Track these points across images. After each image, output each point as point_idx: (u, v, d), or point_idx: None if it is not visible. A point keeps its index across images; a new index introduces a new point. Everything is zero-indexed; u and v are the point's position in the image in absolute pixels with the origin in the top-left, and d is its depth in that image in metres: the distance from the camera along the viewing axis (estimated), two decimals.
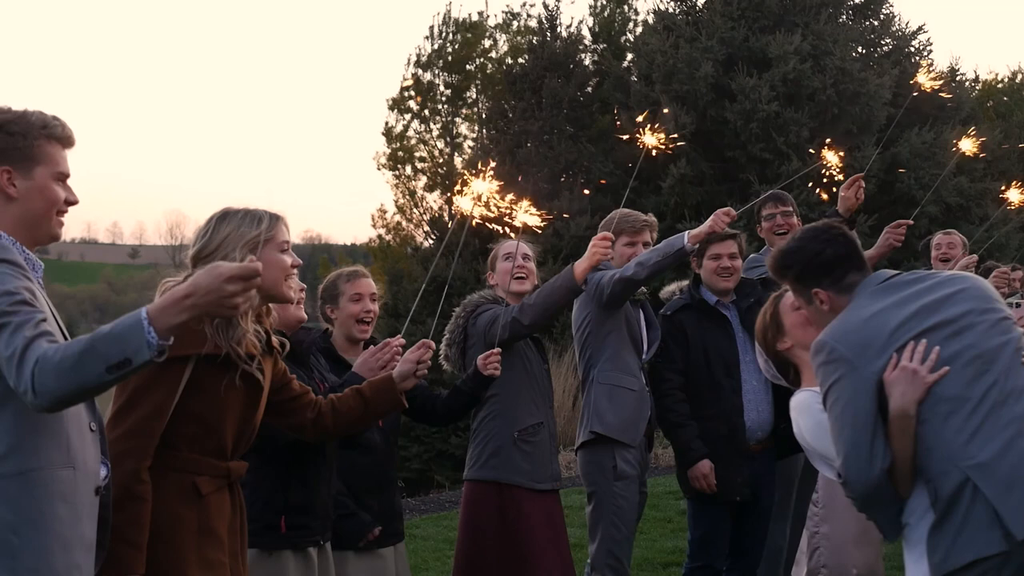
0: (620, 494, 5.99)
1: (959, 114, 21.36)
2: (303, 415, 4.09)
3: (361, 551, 4.95)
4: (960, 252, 8.01)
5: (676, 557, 8.48)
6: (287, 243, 3.82)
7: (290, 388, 4.05)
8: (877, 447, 3.50)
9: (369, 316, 5.18)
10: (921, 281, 3.73)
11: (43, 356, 2.84)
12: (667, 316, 6.28)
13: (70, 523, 3.09)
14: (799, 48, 19.45)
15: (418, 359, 4.40)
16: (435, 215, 25.34)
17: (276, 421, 4.06)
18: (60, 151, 3.26)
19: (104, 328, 2.91)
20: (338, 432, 4.27)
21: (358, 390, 4.27)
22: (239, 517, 3.80)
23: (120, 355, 2.84)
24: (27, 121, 3.20)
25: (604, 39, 24.73)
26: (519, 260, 5.79)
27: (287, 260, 3.79)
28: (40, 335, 2.90)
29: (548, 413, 5.95)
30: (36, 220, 3.22)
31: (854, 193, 6.43)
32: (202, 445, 3.63)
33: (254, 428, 3.79)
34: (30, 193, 3.19)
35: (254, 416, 3.75)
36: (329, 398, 4.21)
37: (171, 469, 3.58)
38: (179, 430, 3.58)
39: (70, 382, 2.84)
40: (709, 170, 19.79)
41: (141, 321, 2.87)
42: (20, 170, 3.17)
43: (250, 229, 3.71)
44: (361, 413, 4.24)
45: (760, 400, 6.11)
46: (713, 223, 5.78)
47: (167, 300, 2.92)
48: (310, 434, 4.17)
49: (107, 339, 2.86)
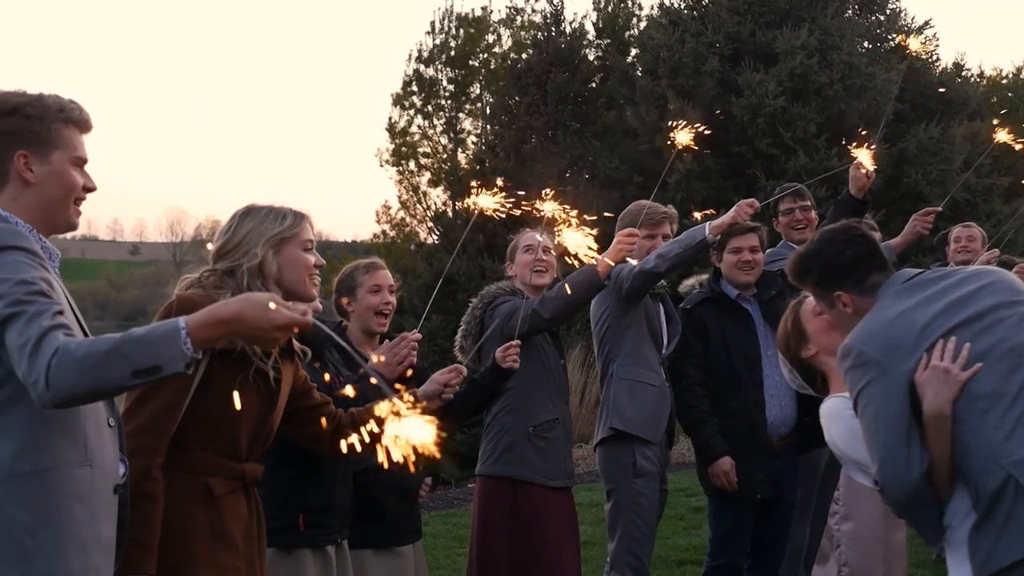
0: (640, 492, 5.90)
1: (966, 109, 21.26)
2: (321, 426, 3.99)
3: (380, 549, 4.88)
4: (980, 245, 7.90)
5: (690, 555, 8.42)
6: (311, 242, 3.75)
7: (310, 396, 3.96)
8: (913, 451, 3.40)
9: (388, 308, 5.07)
10: (946, 278, 3.63)
11: (63, 348, 2.74)
12: (687, 310, 6.18)
13: (88, 523, 2.98)
14: (806, 43, 19.34)
15: (447, 382, 4.34)
16: (439, 211, 25.23)
17: (293, 430, 3.97)
18: (78, 135, 3.16)
19: (136, 331, 2.81)
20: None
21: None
22: (256, 521, 3.70)
23: (151, 361, 2.76)
24: (44, 104, 3.10)
25: (608, 34, 24.65)
26: (540, 253, 5.69)
27: (310, 259, 3.72)
28: (57, 326, 2.79)
29: (563, 409, 5.86)
30: (54, 207, 3.11)
31: (864, 173, 6.33)
32: (215, 445, 3.54)
33: (271, 430, 3.70)
34: (47, 178, 3.08)
35: (270, 417, 3.66)
36: (349, 411, 4.10)
37: (183, 469, 3.49)
38: (192, 429, 3.49)
39: (90, 380, 2.75)
40: (715, 165, 19.67)
41: (179, 331, 2.79)
42: (37, 154, 3.07)
43: (273, 225, 3.66)
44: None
45: (783, 395, 6.00)
46: (736, 214, 5.69)
47: (208, 317, 2.85)
48: (326, 446, 4.05)
49: (139, 343, 2.77)
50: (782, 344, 4.18)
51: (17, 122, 3.06)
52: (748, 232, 6.05)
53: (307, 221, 3.74)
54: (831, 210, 6.41)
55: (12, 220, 3.01)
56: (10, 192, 3.07)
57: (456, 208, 23.68)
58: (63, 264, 3.20)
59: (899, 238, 6.91)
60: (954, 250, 7.83)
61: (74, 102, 3.17)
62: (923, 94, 20.87)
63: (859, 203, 6.31)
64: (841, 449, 3.89)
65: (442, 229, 23.26)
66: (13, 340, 2.77)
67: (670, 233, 6.18)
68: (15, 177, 3.07)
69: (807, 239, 6.64)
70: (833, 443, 3.92)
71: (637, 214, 6.10)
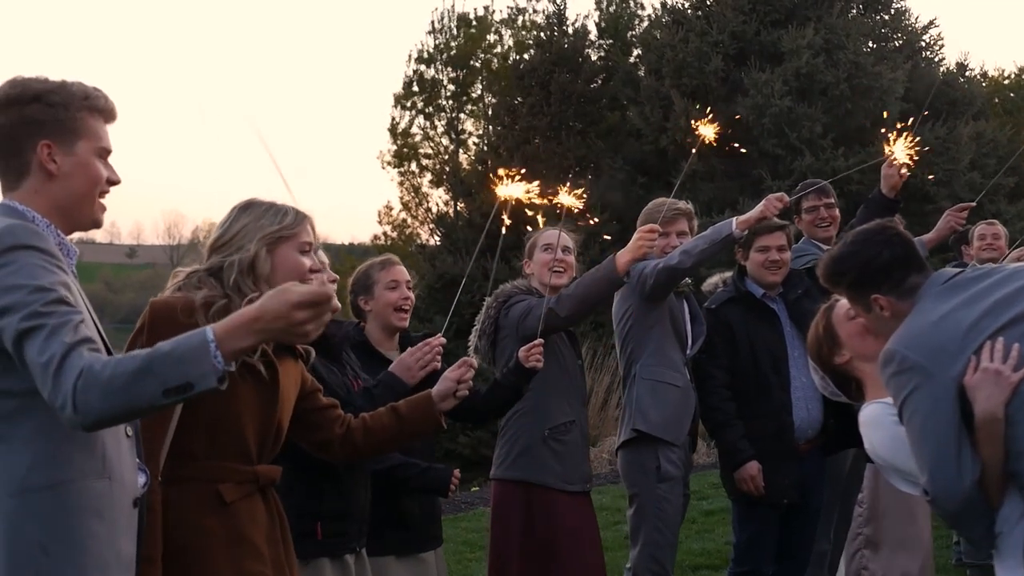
0: (664, 496, 5.73)
1: (971, 109, 21.17)
2: (330, 430, 3.83)
3: (403, 556, 4.76)
4: (1004, 243, 7.77)
5: (705, 559, 8.31)
6: (310, 245, 3.56)
7: (316, 398, 3.80)
8: (964, 458, 3.25)
9: (407, 304, 4.96)
10: (987, 277, 3.48)
11: (88, 370, 2.56)
12: (712, 310, 6.00)
13: (106, 540, 2.81)
14: (812, 42, 19.24)
15: (459, 378, 4.11)
16: (441, 212, 25.11)
17: (301, 437, 3.82)
18: (102, 124, 2.98)
19: (163, 346, 2.63)
20: (368, 452, 3.99)
21: (394, 408, 4.01)
22: (278, 525, 3.54)
23: (181, 378, 2.58)
24: (68, 91, 2.92)
25: (610, 34, 24.55)
26: (559, 253, 5.55)
27: (306, 262, 3.53)
28: (81, 342, 2.62)
29: (581, 411, 5.72)
30: (77, 201, 2.93)
31: (897, 171, 6.20)
32: (222, 450, 3.38)
33: (280, 429, 3.53)
34: (72, 170, 2.90)
35: (274, 415, 3.48)
36: (361, 415, 3.95)
37: (191, 480, 3.34)
38: (194, 438, 3.34)
39: (119, 403, 2.58)
40: (720, 166, 19.54)
41: (207, 343, 2.60)
42: (61, 145, 2.88)
43: (271, 222, 3.49)
44: (395, 432, 3.97)
45: (810, 397, 5.84)
46: (765, 208, 5.53)
47: (235, 322, 2.67)
48: (338, 452, 3.90)
49: (168, 360, 2.59)
50: (813, 350, 3.99)
51: (40, 110, 2.88)
52: (776, 231, 5.89)
53: (308, 222, 3.56)
54: (861, 209, 6.28)
55: (29, 215, 2.84)
56: (31, 184, 2.88)
57: (458, 209, 23.56)
58: None
59: (932, 233, 6.78)
60: (978, 248, 7.67)
61: (98, 90, 2.99)
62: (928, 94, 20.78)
63: (891, 202, 6.19)
64: (883, 457, 3.71)
65: (444, 231, 23.12)
66: (34, 357, 2.60)
67: (686, 230, 6.00)
68: (37, 168, 2.88)
69: (831, 237, 6.57)
70: (874, 451, 3.74)
71: (656, 211, 5.94)
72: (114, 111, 3.02)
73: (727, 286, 6.12)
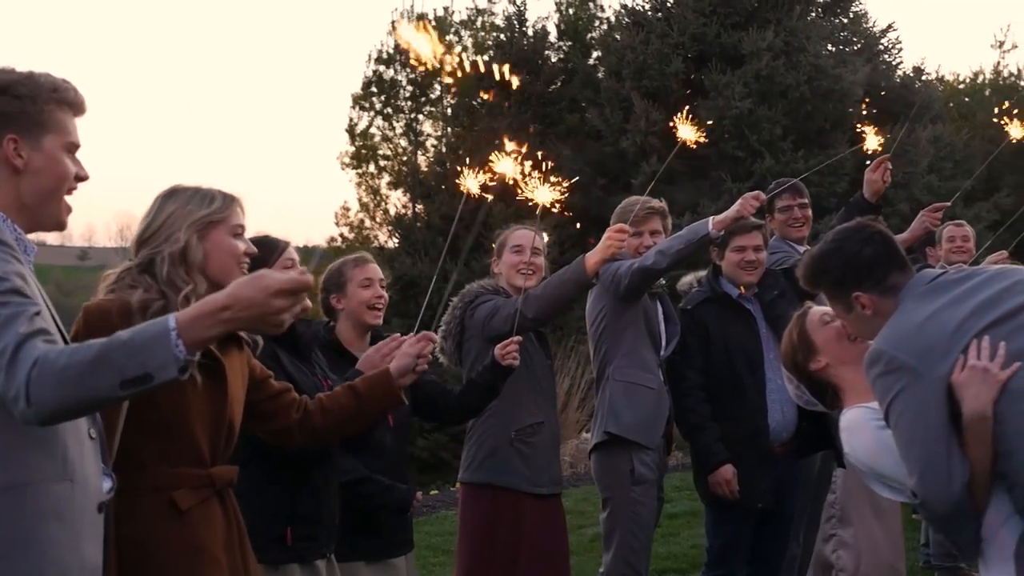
0: (638, 500, 5.65)
1: (929, 112, 21.29)
2: (287, 416, 3.71)
3: (372, 561, 4.64)
4: (973, 245, 7.77)
5: (671, 563, 8.28)
6: (241, 227, 3.42)
7: (268, 386, 3.67)
8: (954, 459, 3.19)
9: (381, 302, 4.86)
10: (971, 277, 3.44)
11: (43, 359, 2.45)
12: (687, 310, 5.93)
13: (67, 545, 2.67)
14: (772, 44, 19.25)
15: (418, 352, 3.99)
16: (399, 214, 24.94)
17: (258, 428, 3.69)
18: (71, 118, 2.87)
19: (122, 335, 2.51)
20: (328, 434, 3.88)
21: (351, 386, 3.91)
22: (235, 530, 3.40)
23: (140, 369, 2.47)
24: (36, 83, 2.80)
25: (570, 36, 24.50)
26: (528, 255, 5.46)
27: (240, 246, 3.39)
28: (36, 332, 2.50)
29: (550, 413, 5.64)
30: (43, 198, 2.81)
31: (881, 175, 6.19)
32: (173, 456, 3.24)
33: (232, 428, 3.39)
34: (39, 165, 2.78)
35: (225, 414, 3.33)
36: (317, 397, 3.84)
37: (144, 489, 3.18)
38: (142, 445, 3.19)
39: (74, 394, 2.46)
40: (680, 168, 19.51)
41: (168, 332, 2.49)
42: (28, 139, 2.76)
43: (199, 207, 3.34)
44: (354, 412, 3.86)
45: (784, 399, 5.73)
46: (741, 207, 5.46)
47: (200, 310, 2.55)
48: (297, 438, 3.77)
49: (126, 349, 2.48)
50: (788, 358, 3.93)
51: (6, 102, 2.76)
52: (753, 230, 5.83)
53: (237, 204, 3.42)
54: (842, 212, 6.25)
55: None
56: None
57: (416, 211, 23.42)
58: None
59: (906, 234, 6.74)
60: (948, 249, 7.65)
61: (67, 81, 2.87)
62: (887, 97, 20.89)
63: (872, 207, 6.15)
64: (864, 463, 3.64)
65: (402, 232, 22.96)
66: None
67: (659, 229, 5.92)
68: (2, 163, 2.76)
69: (804, 237, 6.53)
70: (855, 457, 3.67)
71: (629, 209, 5.85)
72: (83, 104, 2.90)
73: (702, 286, 6.04)
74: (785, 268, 5.96)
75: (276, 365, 4.05)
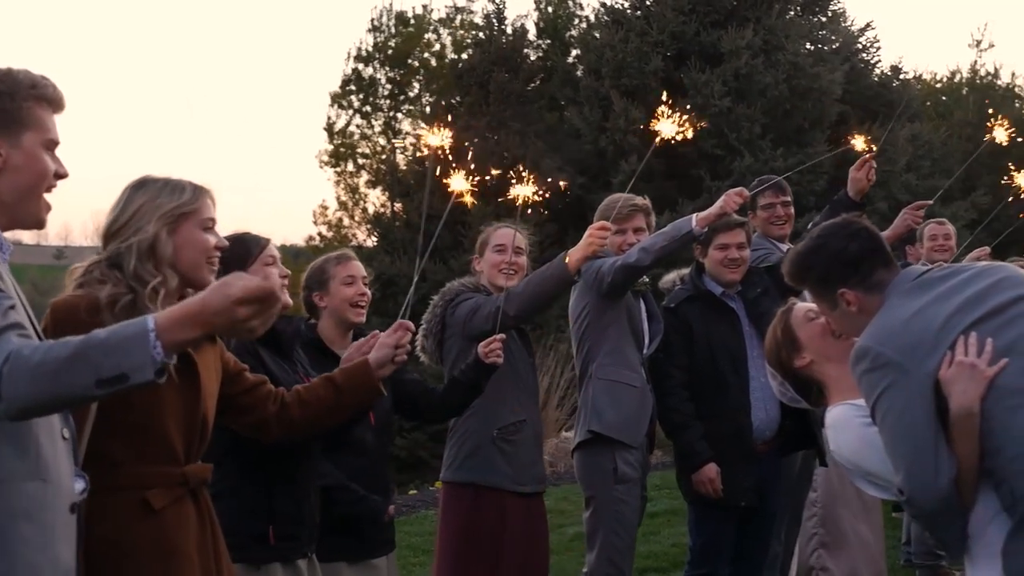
0: (621, 499, 5.62)
1: (907, 111, 21.34)
2: (264, 409, 3.67)
3: (354, 562, 4.60)
4: (954, 243, 7.77)
5: (652, 562, 8.24)
6: (212, 220, 3.35)
7: (243, 379, 3.62)
8: (942, 456, 3.15)
9: (364, 300, 4.81)
10: (957, 274, 3.41)
11: (16, 354, 2.41)
12: (671, 309, 5.89)
13: (39, 546, 2.63)
14: (751, 43, 19.27)
15: (396, 343, 3.95)
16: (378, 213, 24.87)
17: (234, 422, 3.65)
18: (50, 115, 2.82)
19: (99, 333, 2.47)
20: (306, 427, 3.82)
21: (329, 378, 3.87)
22: (209, 529, 3.34)
23: (116, 369, 2.43)
24: (14, 79, 2.76)
25: (549, 34, 24.48)
26: (511, 255, 5.42)
27: (210, 240, 3.32)
28: (10, 327, 2.47)
29: (533, 410, 5.61)
30: (22, 195, 2.76)
31: (865, 174, 6.16)
32: (147, 454, 3.18)
33: (206, 425, 3.33)
34: (17, 163, 2.73)
35: (199, 409, 3.28)
36: (294, 389, 3.80)
37: (116, 488, 3.12)
38: (115, 444, 3.13)
39: (48, 390, 2.42)
40: (659, 166, 19.52)
41: (147, 332, 2.45)
42: (6, 136, 2.72)
43: (169, 200, 3.26)
44: (333, 404, 3.82)
45: (768, 397, 5.73)
46: (724, 203, 5.43)
47: (179, 312, 2.51)
48: (275, 431, 3.73)
49: (103, 348, 2.44)
50: (772, 355, 3.88)
51: None
52: (736, 228, 5.79)
53: (208, 196, 3.35)
54: (826, 209, 6.23)
55: None
56: None
57: (395, 210, 23.34)
58: None
59: (888, 231, 6.72)
60: (930, 248, 7.65)
61: (46, 78, 2.83)
62: (865, 95, 20.94)
63: (857, 205, 6.13)
64: (850, 460, 3.60)
65: (381, 231, 22.89)
66: None
67: (643, 226, 5.89)
68: None
69: (786, 235, 6.51)
70: (840, 454, 3.63)
71: (612, 207, 5.82)
72: (62, 100, 2.86)
73: (685, 284, 6.01)
74: (768, 266, 5.94)
75: (257, 363, 4.01)
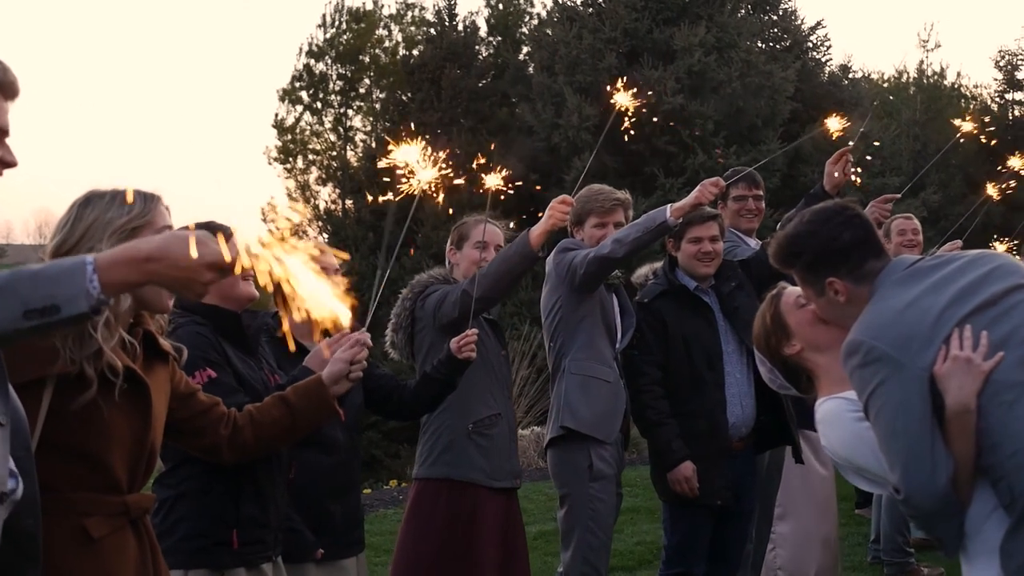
0: (597, 496, 5.48)
1: (858, 109, 21.48)
2: (216, 433, 3.51)
3: (322, 563, 4.44)
4: (921, 238, 7.74)
5: (618, 561, 8.15)
6: (168, 228, 3.13)
7: (195, 401, 3.45)
8: (938, 453, 3.05)
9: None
10: (949, 263, 3.30)
11: None
12: (644, 304, 5.74)
13: None
14: (704, 40, 19.30)
15: (351, 359, 3.79)
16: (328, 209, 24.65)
17: (185, 444, 3.51)
18: (1, 101, 2.57)
19: (31, 266, 2.27)
20: (260, 449, 3.69)
21: (281, 397, 3.71)
22: (149, 559, 3.15)
23: (47, 299, 2.20)
24: None
25: (500, 31, 24.39)
26: (491, 252, 5.30)
27: None
28: None
29: (506, 404, 5.49)
30: None
31: (842, 168, 6.09)
32: (88, 481, 2.99)
33: (153, 453, 3.15)
34: None
35: (148, 438, 3.09)
36: (246, 409, 3.63)
37: (54, 514, 2.88)
38: (56, 469, 2.91)
39: None
40: (612, 163, 19.49)
41: (84, 265, 2.23)
42: None
43: (119, 214, 3.06)
44: (287, 424, 3.68)
45: (744, 394, 5.66)
46: (700, 194, 5.31)
47: (123, 254, 2.30)
48: (227, 455, 3.59)
49: (34, 278, 2.23)
50: (760, 341, 3.74)
51: None
52: (709, 220, 5.66)
53: (161, 203, 3.15)
54: (801, 202, 6.14)
55: None
56: None
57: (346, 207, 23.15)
58: None
59: None
60: (898, 243, 7.59)
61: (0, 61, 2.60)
62: (816, 94, 21.04)
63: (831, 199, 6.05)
64: (843, 456, 3.48)
65: (332, 228, 22.69)
66: None
67: (623, 220, 5.75)
68: None
69: (754, 228, 6.43)
70: (832, 450, 3.51)
71: (592, 198, 5.71)
72: (15, 85, 2.60)
73: (657, 278, 5.88)
74: (743, 260, 5.85)
75: (222, 359, 3.86)
